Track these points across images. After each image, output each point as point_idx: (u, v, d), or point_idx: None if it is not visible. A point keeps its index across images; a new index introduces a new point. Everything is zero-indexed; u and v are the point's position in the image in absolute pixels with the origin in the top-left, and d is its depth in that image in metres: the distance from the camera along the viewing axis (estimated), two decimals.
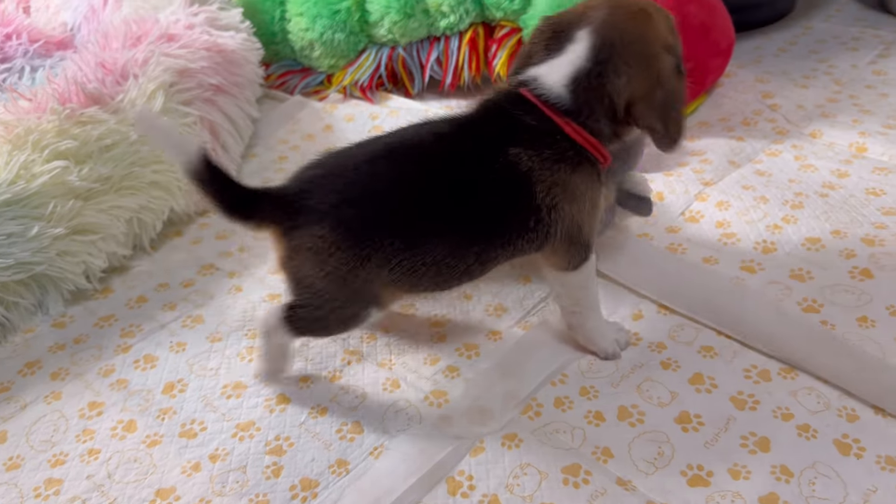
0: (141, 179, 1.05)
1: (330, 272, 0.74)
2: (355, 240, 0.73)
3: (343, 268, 0.74)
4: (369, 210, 0.74)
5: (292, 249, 0.75)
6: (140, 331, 0.96)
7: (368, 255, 0.73)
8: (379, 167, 0.75)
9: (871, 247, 0.97)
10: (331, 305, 0.77)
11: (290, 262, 0.76)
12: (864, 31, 1.61)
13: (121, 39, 1.17)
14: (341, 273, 0.74)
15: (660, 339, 0.88)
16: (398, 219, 0.74)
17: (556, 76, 0.75)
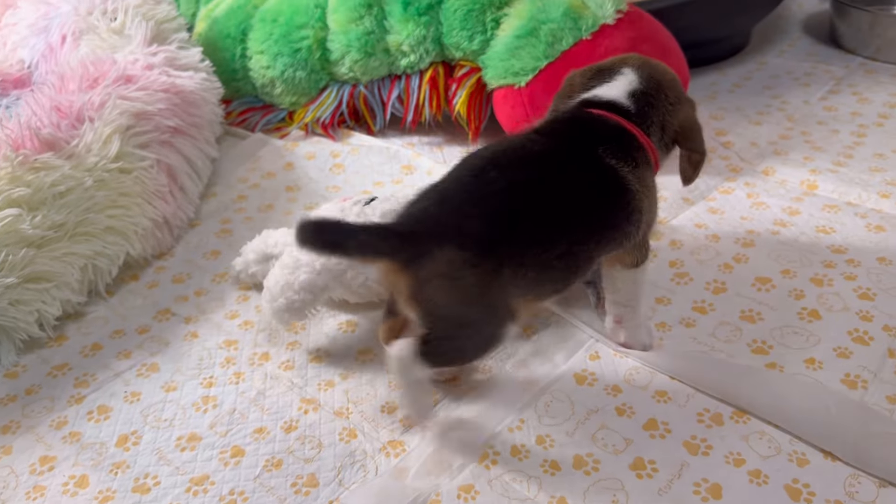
0: (96, 225, 1.04)
1: (465, 293, 0.72)
2: (485, 253, 0.71)
3: (477, 285, 0.71)
4: (492, 220, 0.72)
5: (422, 280, 0.71)
6: (94, 380, 0.95)
7: (500, 265, 0.72)
8: (489, 177, 0.75)
9: (819, 287, 0.99)
10: (468, 331, 0.76)
11: (420, 294, 0.72)
12: (816, 66, 1.65)
13: (77, 81, 1.16)
14: (476, 292, 0.72)
15: (615, 382, 0.89)
16: (521, 224, 0.74)
17: (615, 92, 0.85)
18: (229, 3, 1.55)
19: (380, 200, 0.96)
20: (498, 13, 1.30)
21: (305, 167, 1.38)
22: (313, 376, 0.92)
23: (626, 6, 1.27)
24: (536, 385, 0.88)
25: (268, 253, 1.02)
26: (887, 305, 0.95)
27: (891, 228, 1.09)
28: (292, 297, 0.89)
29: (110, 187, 1.06)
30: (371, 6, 1.39)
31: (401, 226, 0.73)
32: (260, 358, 0.96)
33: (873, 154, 1.30)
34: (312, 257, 0.91)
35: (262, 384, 0.92)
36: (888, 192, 1.18)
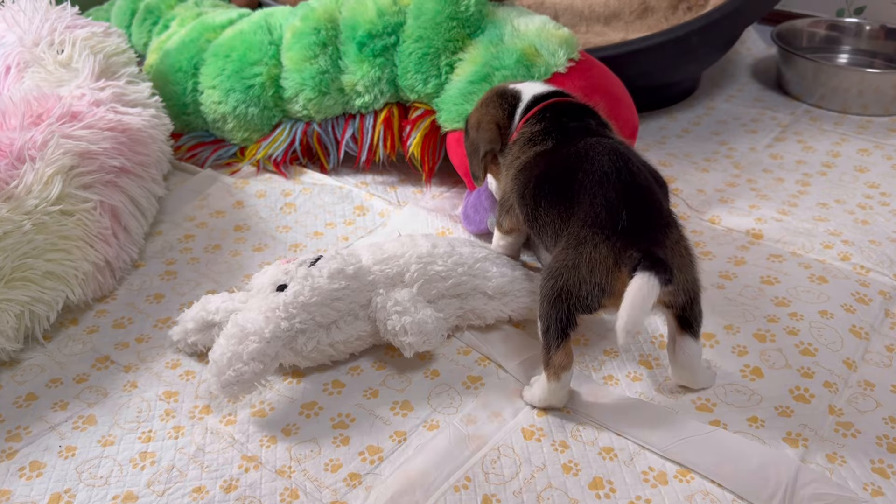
0: (34, 270, 1.01)
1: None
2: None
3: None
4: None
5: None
6: (28, 433, 0.91)
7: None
8: (608, 167, 0.87)
9: (762, 343, 1.00)
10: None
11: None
12: (764, 112, 1.70)
13: (19, 118, 1.13)
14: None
15: (562, 438, 0.88)
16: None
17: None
18: (182, 35, 1.53)
19: (325, 259, 0.95)
20: (452, 58, 1.31)
21: (256, 206, 1.36)
22: (255, 431, 0.90)
23: (578, 55, 1.29)
24: (483, 440, 0.88)
25: (208, 320, 0.98)
26: (828, 361, 0.97)
27: (832, 280, 1.12)
28: (242, 369, 0.85)
29: (50, 230, 1.03)
30: (326, 45, 1.39)
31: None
32: (200, 411, 0.93)
33: (817, 203, 1.33)
34: (260, 325, 0.89)
35: (202, 439, 0.89)
36: (831, 242, 1.21)
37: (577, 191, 0.86)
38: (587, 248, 0.82)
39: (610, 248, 0.81)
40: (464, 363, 1.00)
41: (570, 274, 0.83)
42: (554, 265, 0.85)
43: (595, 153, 0.89)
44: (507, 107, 1.04)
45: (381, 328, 0.94)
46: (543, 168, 0.93)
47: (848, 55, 1.88)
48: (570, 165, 0.89)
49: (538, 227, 0.92)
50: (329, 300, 0.92)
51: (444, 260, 0.97)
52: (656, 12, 1.91)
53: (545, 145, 0.95)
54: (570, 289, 0.83)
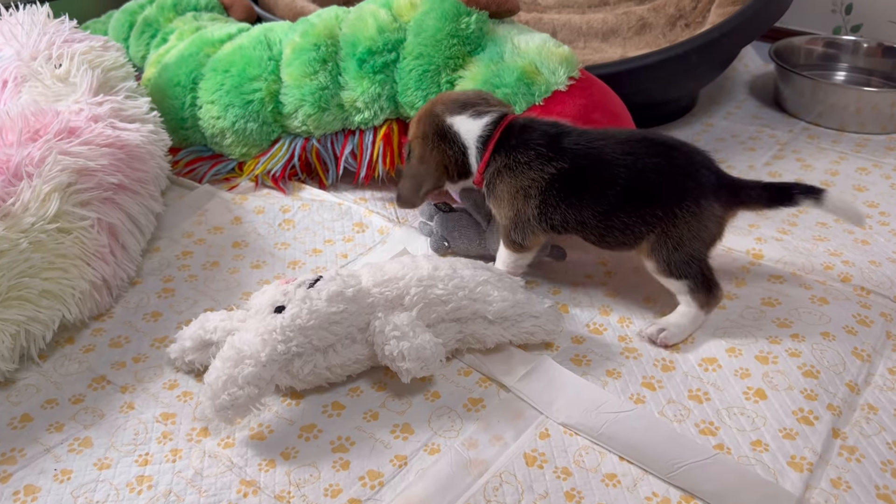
0: (30, 289, 1.00)
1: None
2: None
3: None
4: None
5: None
6: (22, 456, 0.90)
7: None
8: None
9: (764, 365, 1.00)
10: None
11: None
12: (762, 130, 1.70)
13: (16, 134, 1.12)
14: None
15: (565, 464, 0.88)
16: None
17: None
18: (181, 49, 1.52)
19: (324, 281, 0.94)
20: (452, 75, 1.31)
21: (254, 222, 1.35)
22: (254, 455, 0.89)
23: (578, 73, 1.29)
24: (485, 466, 0.87)
25: (206, 339, 0.97)
26: (831, 384, 0.97)
27: (833, 301, 1.12)
28: (236, 393, 0.84)
29: (47, 249, 1.02)
30: (326, 62, 1.38)
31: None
32: (198, 433, 0.92)
33: (816, 223, 1.33)
34: (256, 349, 0.88)
35: (200, 463, 0.88)
36: (831, 262, 1.21)
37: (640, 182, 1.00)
38: (703, 211, 0.99)
39: (716, 201, 1.00)
40: (465, 385, 0.99)
41: (704, 235, 1.01)
42: (672, 240, 1.00)
43: (613, 148, 1.02)
44: (452, 152, 1.09)
45: (379, 353, 0.93)
46: (576, 181, 1.02)
47: (845, 73, 1.88)
48: (610, 165, 1.01)
49: (579, 227, 1.04)
50: (327, 324, 0.91)
51: (445, 283, 0.97)
52: (654, 29, 1.91)
53: (548, 170, 1.02)
54: (704, 244, 1.02)
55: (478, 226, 1.19)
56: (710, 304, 1.03)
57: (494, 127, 1.07)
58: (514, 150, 1.04)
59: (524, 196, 1.04)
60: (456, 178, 1.11)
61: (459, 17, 1.31)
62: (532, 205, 1.03)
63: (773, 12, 1.62)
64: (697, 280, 1.01)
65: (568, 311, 1.11)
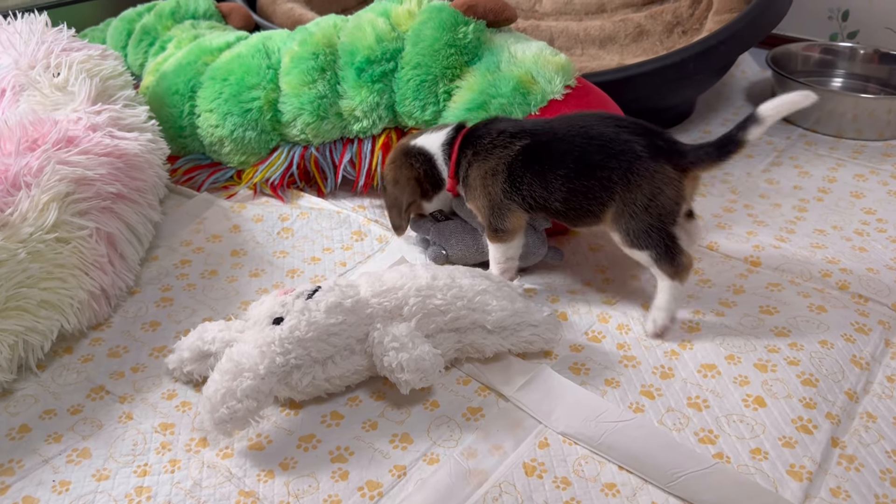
0: (29, 300, 0.99)
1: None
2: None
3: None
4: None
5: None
6: (20, 467, 0.90)
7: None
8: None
9: (763, 373, 1.00)
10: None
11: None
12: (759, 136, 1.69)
13: (15, 143, 1.12)
14: None
15: (564, 474, 0.87)
16: None
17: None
18: (179, 58, 1.52)
19: (323, 292, 0.94)
20: (450, 85, 1.31)
21: (252, 230, 1.35)
22: (252, 465, 0.89)
23: (574, 82, 1.29)
24: (485, 476, 0.87)
25: (204, 350, 0.97)
26: (830, 392, 0.97)
27: (831, 309, 1.12)
28: (235, 406, 0.84)
29: (46, 259, 1.02)
30: (325, 70, 1.39)
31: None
32: (197, 444, 0.92)
33: (814, 230, 1.33)
34: (255, 361, 0.88)
35: (199, 474, 0.88)
36: (829, 270, 1.21)
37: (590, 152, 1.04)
38: (656, 173, 1.01)
39: (667, 163, 1.02)
40: (464, 394, 0.99)
41: (661, 200, 1.02)
42: (634, 207, 1.02)
43: (574, 124, 1.08)
44: (421, 166, 1.16)
45: (378, 364, 0.93)
46: (538, 153, 1.07)
47: (842, 79, 1.89)
48: (569, 137, 1.06)
49: (546, 196, 1.07)
50: (325, 335, 0.91)
51: (444, 293, 0.97)
52: (651, 36, 1.92)
53: (512, 147, 1.08)
54: (664, 211, 1.02)
55: (473, 231, 1.19)
56: (679, 274, 1.04)
57: (456, 133, 1.15)
58: (479, 139, 1.11)
59: (493, 175, 1.09)
60: (430, 190, 1.18)
61: (457, 27, 1.31)
62: (500, 181, 1.08)
63: (771, 19, 1.63)
64: (660, 249, 1.03)
65: (567, 319, 1.11)
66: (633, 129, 1.04)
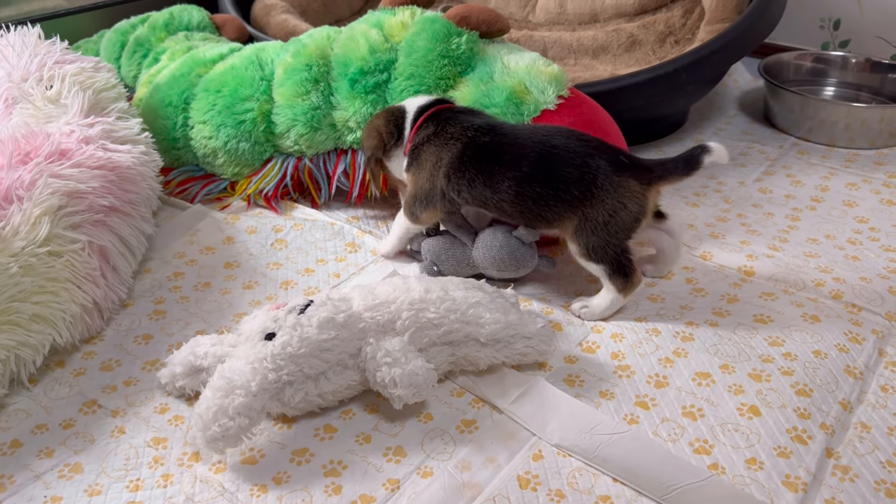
0: (21, 314, 0.99)
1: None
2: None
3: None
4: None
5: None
6: (11, 483, 0.89)
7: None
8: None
9: (758, 382, 1.00)
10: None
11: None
12: (752, 146, 1.71)
13: (7, 156, 1.12)
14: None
15: (559, 486, 0.87)
16: None
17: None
18: (172, 69, 1.52)
19: (315, 306, 0.93)
20: (443, 95, 1.31)
21: (246, 242, 1.35)
22: (245, 480, 0.88)
23: (567, 92, 1.29)
24: (479, 489, 0.86)
25: (196, 365, 0.97)
26: (824, 402, 0.97)
27: (825, 319, 1.12)
28: (227, 424, 0.84)
29: (38, 272, 1.02)
30: (318, 82, 1.39)
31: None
32: (189, 458, 0.91)
33: (807, 238, 1.34)
34: (247, 378, 0.87)
35: (192, 488, 0.87)
36: (822, 279, 1.21)
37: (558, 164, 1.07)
38: (619, 188, 1.04)
39: (631, 177, 1.05)
40: (457, 406, 0.99)
41: (622, 216, 1.05)
42: (595, 222, 1.05)
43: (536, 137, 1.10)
44: (392, 118, 1.21)
45: (371, 379, 0.93)
46: (494, 153, 1.10)
47: (834, 88, 1.90)
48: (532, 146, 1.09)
49: (491, 196, 1.10)
50: (318, 351, 0.91)
51: (437, 306, 0.96)
52: (644, 46, 1.93)
53: (467, 141, 1.11)
54: (623, 227, 1.06)
55: (464, 247, 1.19)
56: (627, 289, 1.09)
57: (435, 103, 1.20)
58: (445, 122, 1.15)
59: (439, 165, 1.13)
60: (390, 142, 1.21)
61: (450, 38, 1.32)
62: (443, 172, 1.12)
63: (763, 29, 1.63)
64: (614, 265, 1.07)
65: (561, 329, 1.11)
66: (597, 145, 1.08)
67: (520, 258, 1.15)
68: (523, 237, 1.14)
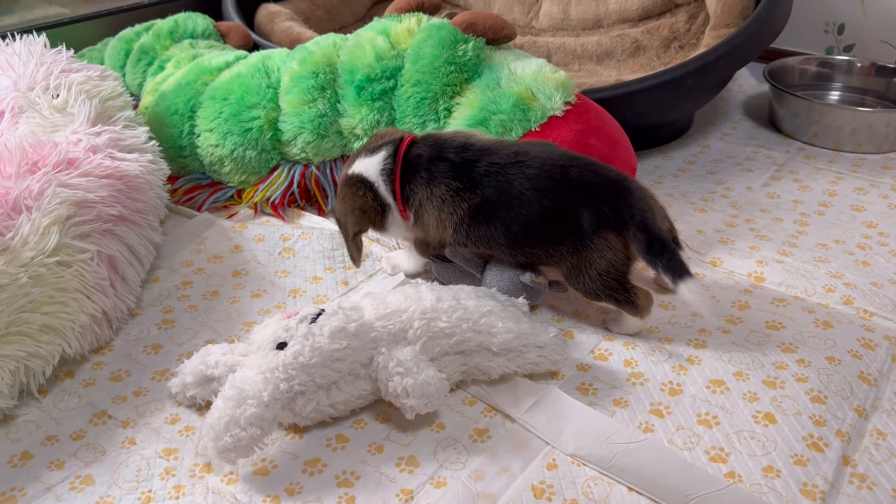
0: (30, 324, 0.98)
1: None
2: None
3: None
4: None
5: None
6: (23, 496, 0.88)
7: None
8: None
9: (772, 389, 0.99)
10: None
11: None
12: (758, 150, 1.71)
13: (15, 166, 1.11)
14: None
15: (573, 496, 0.86)
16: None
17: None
18: (178, 77, 1.52)
19: (327, 315, 0.93)
20: (450, 102, 1.31)
21: (254, 250, 1.35)
22: (258, 491, 0.87)
23: (574, 98, 1.29)
24: (493, 499, 0.86)
25: (207, 375, 0.96)
26: (839, 409, 0.96)
27: (837, 325, 1.11)
28: (239, 435, 0.83)
29: (47, 283, 1.01)
30: (324, 89, 1.38)
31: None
32: (201, 469, 0.91)
33: (816, 244, 1.33)
34: (259, 388, 0.86)
35: (204, 500, 0.87)
36: (833, 285, 1.21)
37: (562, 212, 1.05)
38: (601, 245, 1.03)
39: (612, 232, 1.03)
40: (470, 415, 0.98)
41: (599, 261, 1.04)
42: (581, 271, 1.05)
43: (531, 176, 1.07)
44: (366, 194, 1.13)
45: (383, 389, 0.92)
46: (487, 211, 1.08)
47: (839, 92, 1.90)
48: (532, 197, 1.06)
49: (492, 246, 1.10)
50: (330, 361, 0.90)
51: (449, 315, 0.96)
52: (648, 51, 1.93)
53: (466, 199, 1.08)
54: (611, 272, 1.04)
55: (472, 276, 1.16)
56: (640, 312, 1.07)
57: (393, 158, 1.12)
58: (428, 184, 1.10)
59: (443, 226, 1.11)
60: (380, 215, 1.15)
61: (456, 45, 1.32)
62: (449, 230, 1.11)
63: (768, 34, 1.63)
64: (617, 299, 1.06)
65: (573, 338, 1.10)
66: (586, 192, 1.04)
67: (530, 292, 1.11)
68: (529, 282, 1.11)
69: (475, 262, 1.15)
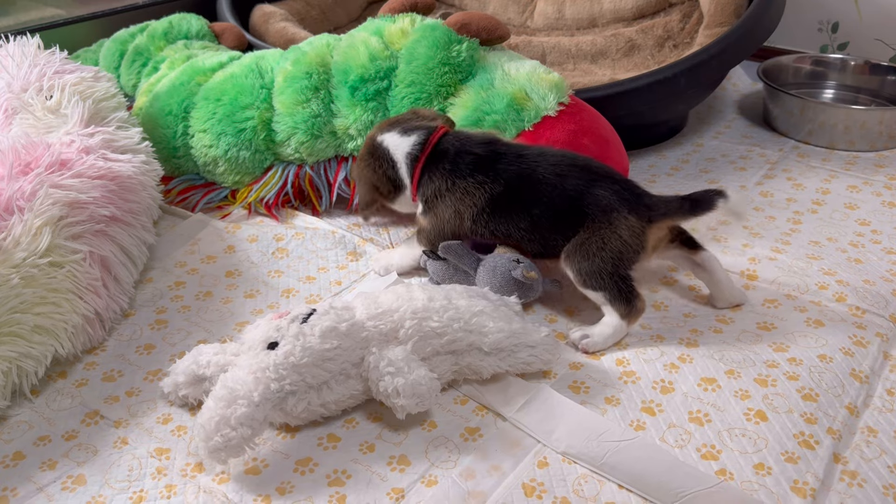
0: (22, 325, 0.98)
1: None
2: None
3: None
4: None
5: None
6: (15, 495, 0.89)
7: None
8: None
9: (764, 387, 1.00)
10: None
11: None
12: (752, 149, 1.71)
13: (7, 167, 1.11)
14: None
15: (564, 494, 0.87)
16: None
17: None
18: (172, 78, 1.52)
19: (318, 315, 0.93)
20: (444, 103, 1.31)
21: (247, 251, 1.35)
22: (249, 490, 0.88)
23: (567, 99, 1.29)
24: (484, 497, 0.86)
25: (199, 374, 0.96)
26: (830, 407, 0.96)
27: (829, 323, 1.12)
28: (229, 434, 0.83)
29: (39, 283, 1.01)
30: (318, 90, 1.39)
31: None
32: (193, 469, 0.91)
33: (809, 242, 1.33)
34: (249, 388, 0.87)
35: (195, 499, 0.87)
36: (825, 282, 1.21)
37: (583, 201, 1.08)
38: (619, 223, 1.05)
39: (630, 213, 1.05)
40: (461, 414, 0.98)
41: (604, 244, 1.05)
42: (582, 251, 1.06)
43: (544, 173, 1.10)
44: (381, 169, 1.19)
45: (374, 389, 0.92)
46: (507, 200, 1.11)
47: (833, 90, 1.90)
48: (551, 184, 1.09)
49: (505, 237, 1.14)
50: (320, 361, 0.90)
51: (440, 315, 0.96)
52: (643, 50, 1.93)
53: (488, 190, 1.11)
54: (617, 256, 1.05)
55: (466, 274, 1.17)
56: (631, 316, 1.07)
57: (422, 146, 1.15)
58: (451, 175, 1.13)
59: (460, 217, 1.14)
60: (391, 192, 1.21)
61: (450, 45, 1.32)
62: (467, 222, 1.13)
63: (761, 33, 1.64)
64: (613, 292, 1.05)
65: (565, 338, 1.10)
66: (603, 180, 1.08)
67: (523, 288, 1.12)
68: (521, 278, 1.11)
69: (469, 260, 1.15)
